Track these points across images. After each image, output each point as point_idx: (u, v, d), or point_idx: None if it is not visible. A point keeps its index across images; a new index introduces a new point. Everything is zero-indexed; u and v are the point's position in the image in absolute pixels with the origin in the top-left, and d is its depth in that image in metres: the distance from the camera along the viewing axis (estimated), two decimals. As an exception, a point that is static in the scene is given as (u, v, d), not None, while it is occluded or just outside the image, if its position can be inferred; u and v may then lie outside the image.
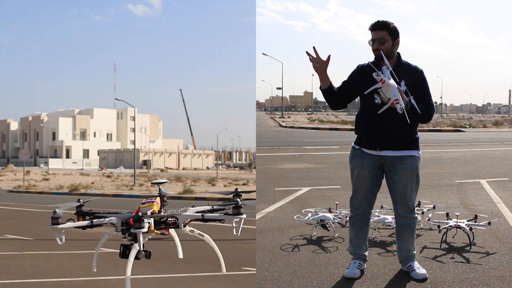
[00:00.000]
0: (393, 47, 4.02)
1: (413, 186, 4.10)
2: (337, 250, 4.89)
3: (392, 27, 4.01)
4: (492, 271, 4.20)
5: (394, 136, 3.98)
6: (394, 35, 4.02)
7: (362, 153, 4.10)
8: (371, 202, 4.20)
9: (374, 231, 5.26)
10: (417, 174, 4.09)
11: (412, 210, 4.15)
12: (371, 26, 4.03)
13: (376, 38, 3.99)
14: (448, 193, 8.17)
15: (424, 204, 6.16)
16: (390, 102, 3.77)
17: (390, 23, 4.02)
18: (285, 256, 4.71)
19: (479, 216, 5.42)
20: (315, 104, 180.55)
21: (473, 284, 3.92)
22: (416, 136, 4.09)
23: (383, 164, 4.06)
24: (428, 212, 5.80)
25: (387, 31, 4.00)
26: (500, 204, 7.15)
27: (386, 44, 3.99)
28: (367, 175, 4.08)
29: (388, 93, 3.78)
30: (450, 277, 4.07)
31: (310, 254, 4.75)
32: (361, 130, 4.14)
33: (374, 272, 4.22)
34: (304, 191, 8.31)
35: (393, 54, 4.05)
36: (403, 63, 4.08)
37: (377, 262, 4.47)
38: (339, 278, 4.10)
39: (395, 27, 4.02)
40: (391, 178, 4.08)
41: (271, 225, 5.90)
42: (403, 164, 4.03)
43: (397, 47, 4.06)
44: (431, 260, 4.51)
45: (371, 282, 3.99)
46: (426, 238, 5.27)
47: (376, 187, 4.15)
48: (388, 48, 3.99)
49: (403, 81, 3.99)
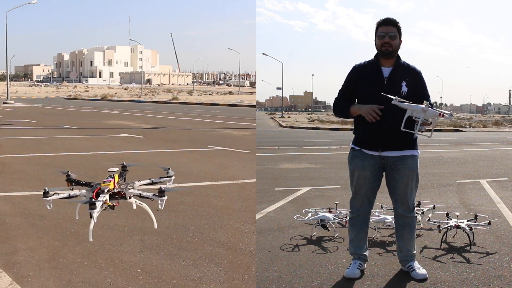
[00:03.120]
0: (398, 46, 4.02)
1: (413, 186, 4.11)
2: (337, 250, 4.89)
3: (400, 26, 4.01)
4: (492, 271, 4.21)
5: (396, 136, 3.98)
6: (400, 34, 4.02)
7: (363, 154, 4.09)
8: (371, 202, 4.20)
9: (374, 231, 5.26)
10: (417, 174, 4.10)
11: (412, 210, 4.15)
12: (382, 21, 3.99)
13: (387, 32, 3.96)
14: (448, 193, 8.17)
15: (424, 204, 6.16)
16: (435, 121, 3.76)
17: (398, 22, 4.02)
18: (285, 256, 4.71)
19: (479, 216, 5.42)
20: (315, 104, 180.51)
21: (473, 284, 3.92)
22: (416, 136, 4.10)
23: (384, 164, 4.06)
24: (428, 212, 5.81)
25: (396, 29, 3.99)
26: (500, 204, 7.15)
27: (395, 41, 3.98)
28: (368, 176, 4.07)
29: (429, 115, 3.76)
30: (450, 277, 4.07)
31: (310, 254, 4.75)
32: (361, 131, 4.12)
33: (374, 272, 4.22)
34: (304, 191, 8.30)
35: (396, 54, 4.04)
36: (402, 64, 4.07)
37: (377, 262, 4.47)
38: (339, 278, 4.10)
39: (400, 27, 4.03)
40: (393, 177, 4.07)
41: (271, 225, 5.90)
42: (404, 164, 4.03)
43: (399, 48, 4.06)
44: (431, 260, 4.51)
45: (371, 282, 3.99)
46: (426, 238, 5.27)
47: (377, 187, 4.16)
48: (396, 46, 3.99)
49: (404, 82, 3.99)
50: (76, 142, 11.98)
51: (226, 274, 4.04)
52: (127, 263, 4.05)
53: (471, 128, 37.95)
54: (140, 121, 18.66)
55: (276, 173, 10.70)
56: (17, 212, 5.43)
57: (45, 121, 18.53)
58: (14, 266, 3.98)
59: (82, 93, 55.69)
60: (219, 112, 24.63)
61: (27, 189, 6.50)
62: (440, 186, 8.88)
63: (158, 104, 35.66)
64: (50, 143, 11.51)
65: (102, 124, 17.61)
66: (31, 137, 12.87)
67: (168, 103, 36.78)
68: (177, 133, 14.60)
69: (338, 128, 33.14)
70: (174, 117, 21.45)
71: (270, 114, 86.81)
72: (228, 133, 14.36)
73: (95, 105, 33.89)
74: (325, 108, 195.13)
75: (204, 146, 11.10)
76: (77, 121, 18.65)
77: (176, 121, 19.30)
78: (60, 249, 4.34)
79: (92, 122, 18.57)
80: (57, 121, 18.59)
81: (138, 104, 36.37)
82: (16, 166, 8.23)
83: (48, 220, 5.16)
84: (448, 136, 27.14)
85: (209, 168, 8.02)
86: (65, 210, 5.42)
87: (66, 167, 7.18)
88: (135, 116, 21.91)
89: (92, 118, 20.61)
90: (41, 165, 8.31)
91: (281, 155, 15.09)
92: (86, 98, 45.18)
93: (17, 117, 20.47)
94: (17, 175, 7.49)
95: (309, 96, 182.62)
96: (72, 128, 15.45)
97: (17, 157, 9.24)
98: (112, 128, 15.83)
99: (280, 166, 12.16)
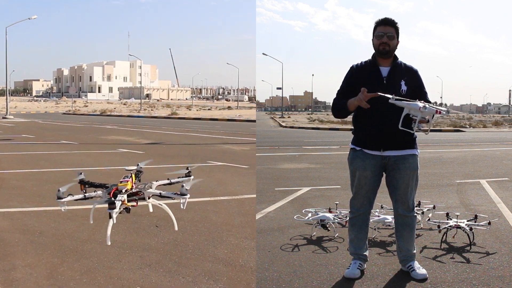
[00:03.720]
0: (396, 46, 4.03)
1: (413, 185, 4.11)
2: (337, 250, 4.89)
3: (398, 27, 4.02)
4: (492, 271, 4.20)
5: (397, 136, 3.98)
6: (398, 34, 4.03)
7: (363, 154, 4.08)
8: (371, 202, 4.20)
9: (374, 231, 5.26)
10: (417, 173, 4.10)
11: (412, 209, 4.15)
12: (380, 21, 4.01)
13: (385, 33, 3.97)
14: (448, 193, 8.17)
15: (424, 204, 6.16)
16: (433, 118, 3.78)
17: (397, 22, 4.03)
18: (285, 256, 4.71)
19: (479, 216, 5.42)
20: (315, 104, 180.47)
21: (473, 284, 3.92)
22: (415, 134, 4.11)
23: (385, 164, 4.06)
24: (428, 212, 5.81)
25: (394, 29, 4.00)
26: (500, 204, 7.15)
27: (393, 41, 3.99)
28: (369, 176, 4.07)
29: (426, 113, 3.77)
30: (450, 277, 4.07)
31: (310, 254, 4.75)
32: (362, 131, 4.11)
33: (374, 272, 4.21)
34: (304, 191, 8.30)
35: (393, 54, 4.05)
36: (399, 64, 4.08)
37: (377, 262, 4.47)
38: (339, 278, 4.09)
39: (398, 28, 4.04)
40: (394, 177, 4.07)
41: (271, 225, 5.90)
42: (405, 163, 4.03)
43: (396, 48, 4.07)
44: (431, 260, 4.51)
45: (371, 282, 3.99)
46: (426, 238, 5.26)
47: (377, 187, 4.16)
48: (394, 46, 4.00)
49: (403, 81, 4.00)
50: (75, 158, 11.89)
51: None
52: (126, 280, 3.99)
53: (471, 128, 37.95)
54: (139, 136, 18.40)
55: (276, 173, 10.70)
56: (16, 229, 5.35)
57: (45, 136, 18.30)
58: (12, 283, 3.89)
59: (81, 108, 55.45)
60: (218, 127, 24.39)
61: (25, 205, 6.38)
62: (440, 186, 8.87)
63: (157, 119, 35.11)
64: (49, 159, 11.37)
65: (102, 139, 17.26)
66: (30, 152, 12.70)
67: (167, 118, 36.45)
68: (176, 148, 14.43)
69: (338, 128, 33.14)
70: (173, 132, 21.26)
71: (270, 114, 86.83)
72: (227, 148, 14.25)
73: (94, 120, 33.40)
74: (325, 108, 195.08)
75: (203, 161, 11.00)
76: (77, 136, 18.51)
77: (175, 136, 19.14)
78: (58, 266, 4.26)
79: (92, 137, 18.28)
80: (57, 136, 18.36)
81: (137, 119, 36.12)
82: (15, 182, 8.13)
83: (46, 237, 5.08)
84: (448, 136, 27.14)
85: (208, 184, 7.97)
86: (64, 226, 5.37)
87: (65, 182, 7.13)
88: (135, 131, 21.66)
89: (91, 133, 20.32)
90: (40, 181, 8.21)
91: (281, 155, 15.08)
92: (85, 113, 45.20)
93: (16, 132, 20.26)
94: (16, 190, 7.39)
95: (309, 96, 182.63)
96: (71, 144, 15.28)
97: (15, 173, 9.14)
98: (111, 143, 15.59)
99: (280, 166, 12.16)
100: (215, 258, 4.48)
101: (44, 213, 5.99)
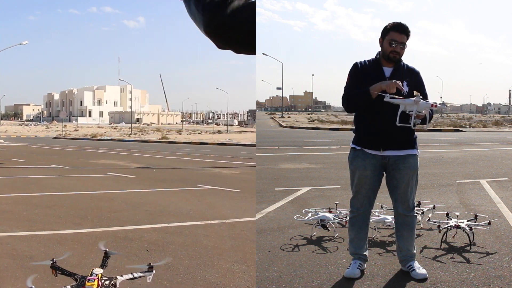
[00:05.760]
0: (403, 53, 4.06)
1: (413, 185, 4.11)
2: (337, 250, 4.89)
3: (410, 34, 4.01)
4: (492, 271, 4.20)
5: (398, 136, 3.98)
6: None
7: (364, 154, 4.08)
8: (371, 202, 4.20)
9: (374, 231, 5.26)
10: (417, 173, 4.11)
11: (412, 209, 4.16)
12: (396, 26, 3.97)
13: (399, 41, 3.96)
14: (448, 193, 8.17)
15: (424, 204, 6.16)
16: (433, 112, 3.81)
17: (410, 31, 4.02)
18: (285, 256, 4.71)
19: (479, 216, 5.42)
20: (315, 104, 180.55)
21: (473, 284, 3.92)
22: (415, 135, 4.11)
23: (386, 164, 4.06)
24: (428, 212, 5.81)
25: (406, 37, 4.00)
26: (500, 204, 7.15)
27: (404, 50, 4.02)
28: (369, 176, 4.07)
29: (422, 107, 3.80)
30: (450, 277, 4.07)
31: (310, 254, 4.75)
32: (363, 131, 4.12)
33: (374, 272, 4.21)
34: (304, 191, 8.30)
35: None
36: (401, 65, 4.09)
37: (377, 262, 4.47)
38: (339, 278, 4.09)
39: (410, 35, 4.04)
40: (394, 177, 4.08)
41: (271, 225, 5.90)
42: (405, 163, 4.03)
43: None
44: (431, 260, 4.51)
45: (371, 282, 3.99)
46: (426, 238, 5.26)
47: (377, 186, 4.16)
48: (403, 54, 4.02)
49: (405, 82, 4.00)
50: (65, 182, 11.64)
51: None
52: (117, 305, 3.94)
53: (471, 128, 37.95)
54: (130, 161, 18.06)
55: (276, 173, 10.71)
56: (5, 253, 5.19)
57: (35, 160, 17.85)
58: (1, 309, 3.85)
59: (72, 132, 54.31)
60: (207, 151, 24.07)
61: (15, 230, 6.21)
62: (440, 186, 8.88)
63: (148, 144, 34.14)
64: (39, 183, 11.13)
65: (92, 163, 16.92)
66: (20, 176, 12.44)
67: (157, 142, 35.79)
68: (167, 172, 14.30)
69: (338, 128, 33.16)
70: (164, 156, 20.95)
71: (270, 114, 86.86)
72: (217, 172, 14.14)
73: (85, 144, 32.52)
74: (325, 108, 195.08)
75: (193, 185, 10.93)
76: (67, 160, 18.21)
77: (165, 160, 18.95)
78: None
79: (82, 161, 17.72)
80: (47, 160, 17.92)
81: (127, 143, 35.59)
82: (5, 206, 7.86)
83: (36, 261, 5.02)
84: (448, 136, 27.15)
85: (199, 208, 7.90)
86: (54, 251, 5.25)
87: (55, 207, 7.06)
88: (125, 155, 21.19)
89: (81, 157, 19.70)
90: (30, 205, 7.97)
91: (281, 155, 15.09)
92: (75, 138, 44.59)
93: (7, 156, 19.65)
94: (6, 215, 7.17)
95: (309, 96, 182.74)
96: (62, 168, 15.02)
97: (6, 197, 8.83)
98: (102, 167, 15.36)
99: (280, 166, 12.16)
100: (206, 282, 4.41)
101: (34, 238, 5.83)
